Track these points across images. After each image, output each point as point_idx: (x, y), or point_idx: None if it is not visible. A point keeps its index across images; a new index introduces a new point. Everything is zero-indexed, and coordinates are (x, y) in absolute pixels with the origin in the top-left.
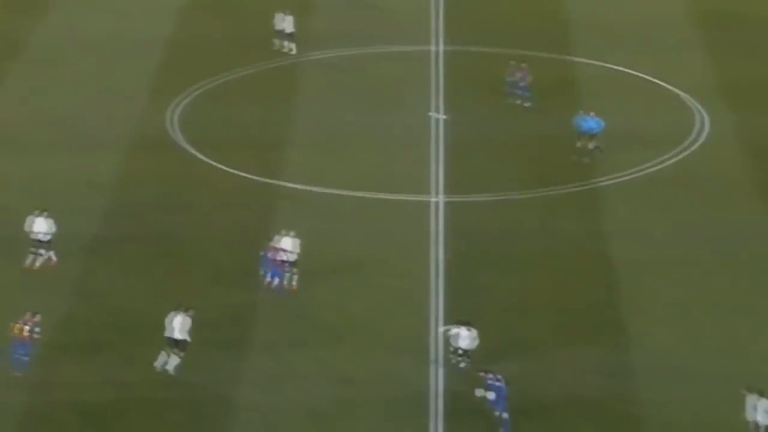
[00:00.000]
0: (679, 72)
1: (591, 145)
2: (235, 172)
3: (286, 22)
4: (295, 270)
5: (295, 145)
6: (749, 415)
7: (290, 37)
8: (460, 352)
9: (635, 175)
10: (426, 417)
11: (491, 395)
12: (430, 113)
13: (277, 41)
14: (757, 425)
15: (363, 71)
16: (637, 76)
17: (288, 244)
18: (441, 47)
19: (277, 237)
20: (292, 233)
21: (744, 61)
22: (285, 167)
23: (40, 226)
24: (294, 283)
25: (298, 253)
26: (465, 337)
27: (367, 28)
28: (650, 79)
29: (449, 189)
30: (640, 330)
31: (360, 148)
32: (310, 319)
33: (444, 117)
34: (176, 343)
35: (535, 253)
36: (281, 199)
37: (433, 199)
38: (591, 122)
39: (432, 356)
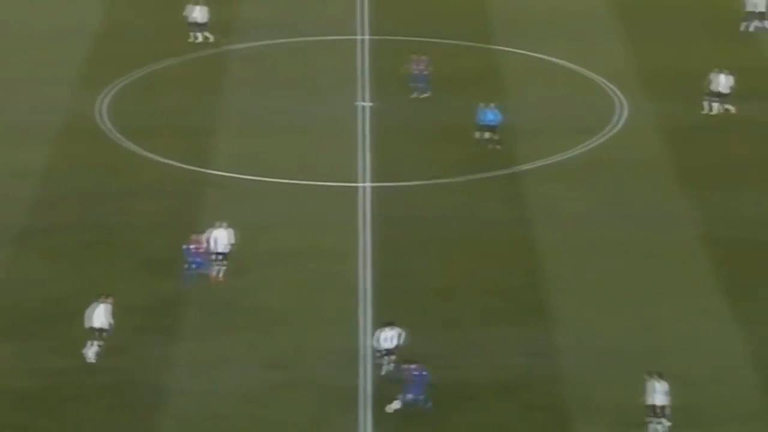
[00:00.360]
0: (598, 59)
1: (487, 136)
2: (164, 160)
3: (197, 12)
4: (225, 262)
5: (223, 134)
6: (648, 399)
7: (203, 27)
8: (384, 352)
9: (557, 160)
10: (356, 401)
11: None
12: (356, 102)
13: (191, 33)
14: (654, 408)
15: (290, 61)
16: (558, 63)
17: (222, 236)
18: (366, 36)
19: (209, 229)
20: (225, 224)
21: (662, 49)
22: (214, 155)
23: None
24: (221, 275)
25: (232, 244)
26: (387, 338)
27: (292, 17)
28: (570, 66)
29: (376, 175)
30: (563, 311)
31: (288, 137)
32: (241, 305)
33: (370, 105)
34: (96, 332)
35: (460, 237)
36: (210, 187)
37: (361, 186)
38: (489, 114)
39: (361, 340)
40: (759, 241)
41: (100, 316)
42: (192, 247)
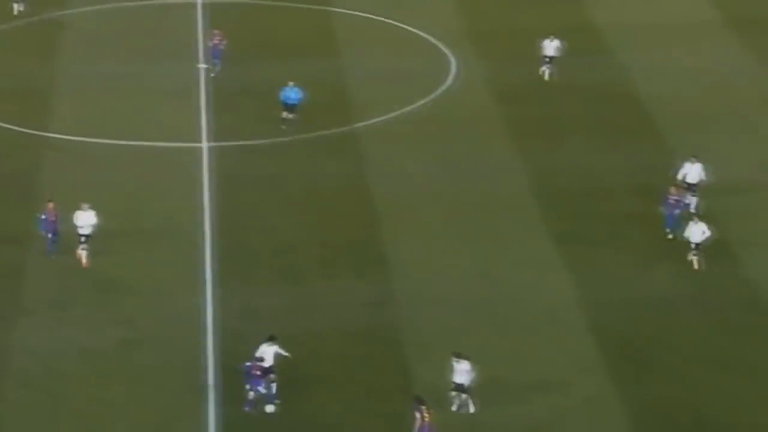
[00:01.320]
0: (430, 20)
1: (287, 116)
2: (2, 124)
3: None
4: (87, 244)
5: (62, 97)
6: (455, 377)
7: None
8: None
9: (392, 117)
10: (200, 354)
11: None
12: (198, 64)
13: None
14: (458, 385)
15: (129, 24)
16: (392, 24)
17: (84, 218)
18: None
19: (77, 212)
20: (86, 206)
21: (491, 9)
22: (53, 119)
23: None
24: (84, 259)
25: (94, 225)
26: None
27: None
28: (404, 27)
29: (217, 135)
30: (400, 262)
31: (127, 99)
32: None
33: (209, 66)
34: None
35: (300, 194)
36: (50, 150)
37: (202, 145)
38: (290, 93)
39: (208, 296)
40: (583, 190)
41: None
42: (45, 216)
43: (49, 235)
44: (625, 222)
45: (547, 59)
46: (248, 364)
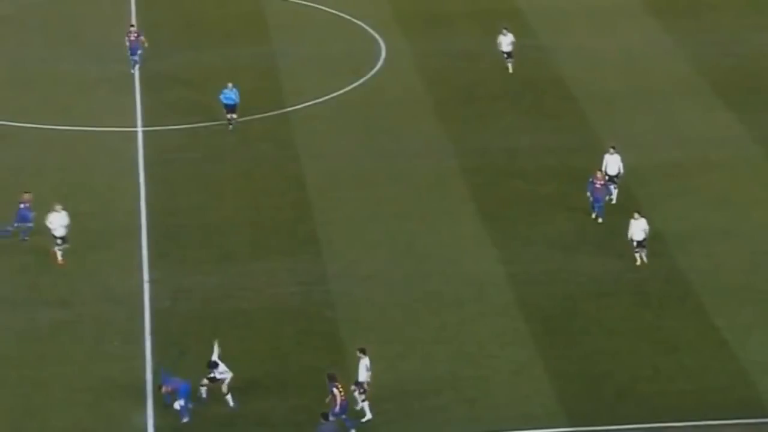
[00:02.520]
0: (359, 4)
1: (231, 116)
2: None
3: None
4: (64, 245)
5: None
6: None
7: None
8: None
9: (322, 100)
10: (138, 333)
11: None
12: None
13: None
14: (359, 383)
15: (61, 10)
16: (320, 9)
17: (57, 219)
18: None
19: (51, 214)
20: (59, 207)
21: None
22: None
23: None
24: (61, 258)
25: (66, 227)
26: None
27: None
28: (332, 11)
29: (148, 119)
30: (331, 241)
31: (61, 83)
32: (22, 246)
33: (140, 51)
34: None
35: (232, 176)
36: None
37: (135, 130)
38: (230, 94)
39: (141, 277)
40: (509, 170)
41: None
42: (23, 205)
43: (28, 224)
44: (550, 201)
45: (505, 54)
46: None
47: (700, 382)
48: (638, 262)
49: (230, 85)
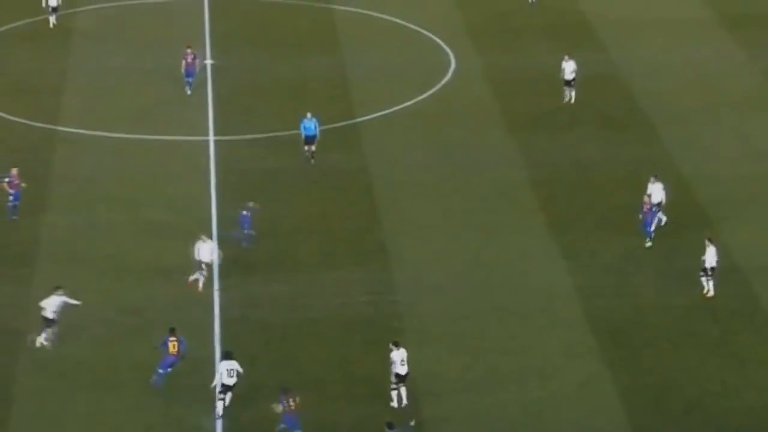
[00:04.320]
0: (428, 16)
1: (310, 149)
2: (15, 118)
3: None
4: (205, 272)
5: (71, 92)
6: (393, 368)
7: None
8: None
9: (392, 110)
10: (211, 339)
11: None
12: (206, 60)
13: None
14: (398, 375)
15: (136, 21)
16: (390, 20)
17: (205, 249)
18: None
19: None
20: (205, 237)
21: (488, 4)
22: (63, 113)
23: None
24: (201, 285)
25: (219, 256)
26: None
27: None
28: (401, 22)
29: (221, 129)
30: (400, 251)
31: (136, 94)
32: (95, 254)
33: (213, 62)
34: None
35: (303, 185)
36: (61, 143)
37: (208, 139)
38: (309, 123)
39: (216, 284)
40: (578, 181)
41: None
42: (8, 179)
43: (11, 198)
44: (618, 212)
45: (567, 82)
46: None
47: None
48: (707, 291)
49: (309, 114)
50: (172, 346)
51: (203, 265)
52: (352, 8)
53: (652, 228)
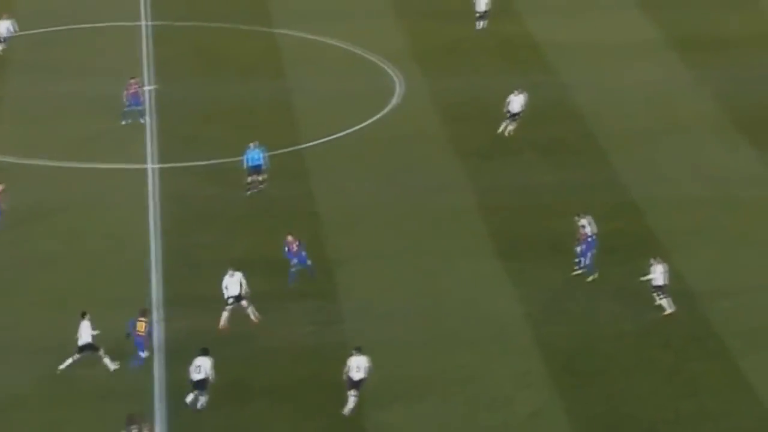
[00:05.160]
0: (374, 40)
1: (254, 178)
2: None
3: None
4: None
5: (6, 119)
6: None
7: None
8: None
9: (338, 136)
10: (151, 370)
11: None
12: (145, 87)
13: None
14: (351, 380)
15: (74, 47)
16: (335, 45)
17: (232, 283)
18: (149, 22)
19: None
20: (232, 270)
21: (433, 27)
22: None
23: None
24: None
25: (244, 287)
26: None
27: (72, 4)
28: (346, 47)
29: (162, 156)
30: (347, 279)
31: (73, 120)
32: (35, 287)
33: (154, 88)
34: None
35: (246, 213)
36: None
37: (148, 167)
38: (253, 154)
39: (155, 315)
40: (527, 207)
41: None
42: None
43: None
44: (568, 238)
45: (510, 115)
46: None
47: (724, 427)
48: (667, 311)
49: (252, 144)
50: (140, 326)
51: (230, 300)
52: (297, 33)
53: (588, 261)
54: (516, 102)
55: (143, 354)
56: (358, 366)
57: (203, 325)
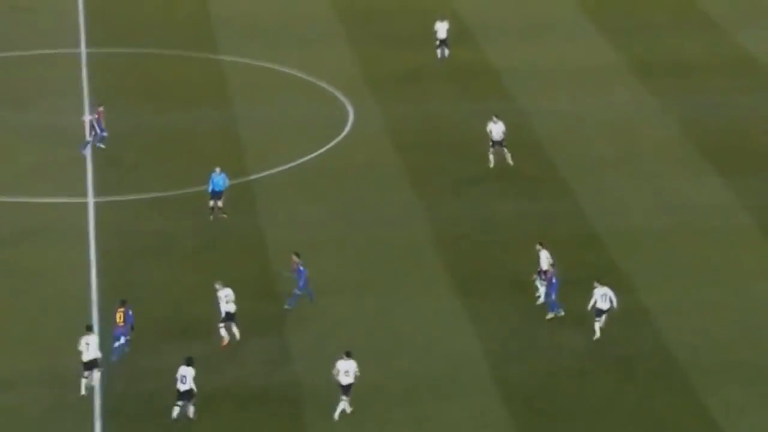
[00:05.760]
0: (325, 67)
1: (216, 204)
2: None
3: None
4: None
5: None
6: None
7: None
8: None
9: (288, 167)
10: (91, 414)
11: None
12: (82, 117)
13: None
14: (340, 384)
15: (8, 75)
16: (284, 71)
17: (226, 295)
18: (85, 50)
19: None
20: (220, 284)
21: (384, 52)
22: None
23: None
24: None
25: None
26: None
27: (9, 31)
28: (296, 73)
29: (102, 189)
30: (298, 316)
31: (11, 152)
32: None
33: (92, 118)
34: None
35: (191, 248)
36: None
37: (88, 201)
38: (217, 179)
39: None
40: (484, 239)
41: None
42: None
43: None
44: (528, 272)
45: (493, 143)
46: None
47: None
48: (596, 336)
49: (218, 169)
50: (119, 316)
51: (225, 314)
52: (244, 59)
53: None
54: (496, 130)
55: (123, 339)
56: (346, 370)
57: (144, 366)
